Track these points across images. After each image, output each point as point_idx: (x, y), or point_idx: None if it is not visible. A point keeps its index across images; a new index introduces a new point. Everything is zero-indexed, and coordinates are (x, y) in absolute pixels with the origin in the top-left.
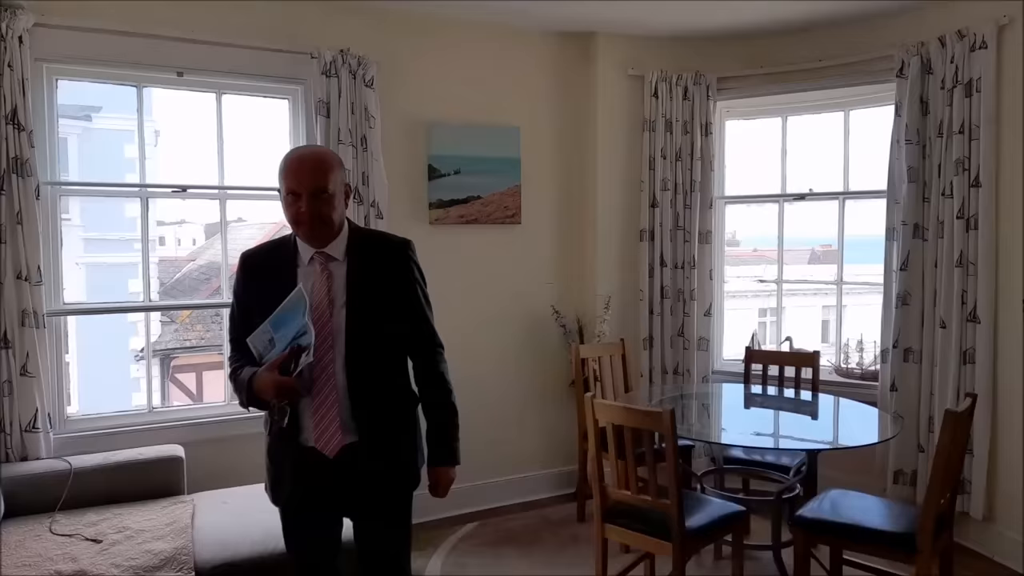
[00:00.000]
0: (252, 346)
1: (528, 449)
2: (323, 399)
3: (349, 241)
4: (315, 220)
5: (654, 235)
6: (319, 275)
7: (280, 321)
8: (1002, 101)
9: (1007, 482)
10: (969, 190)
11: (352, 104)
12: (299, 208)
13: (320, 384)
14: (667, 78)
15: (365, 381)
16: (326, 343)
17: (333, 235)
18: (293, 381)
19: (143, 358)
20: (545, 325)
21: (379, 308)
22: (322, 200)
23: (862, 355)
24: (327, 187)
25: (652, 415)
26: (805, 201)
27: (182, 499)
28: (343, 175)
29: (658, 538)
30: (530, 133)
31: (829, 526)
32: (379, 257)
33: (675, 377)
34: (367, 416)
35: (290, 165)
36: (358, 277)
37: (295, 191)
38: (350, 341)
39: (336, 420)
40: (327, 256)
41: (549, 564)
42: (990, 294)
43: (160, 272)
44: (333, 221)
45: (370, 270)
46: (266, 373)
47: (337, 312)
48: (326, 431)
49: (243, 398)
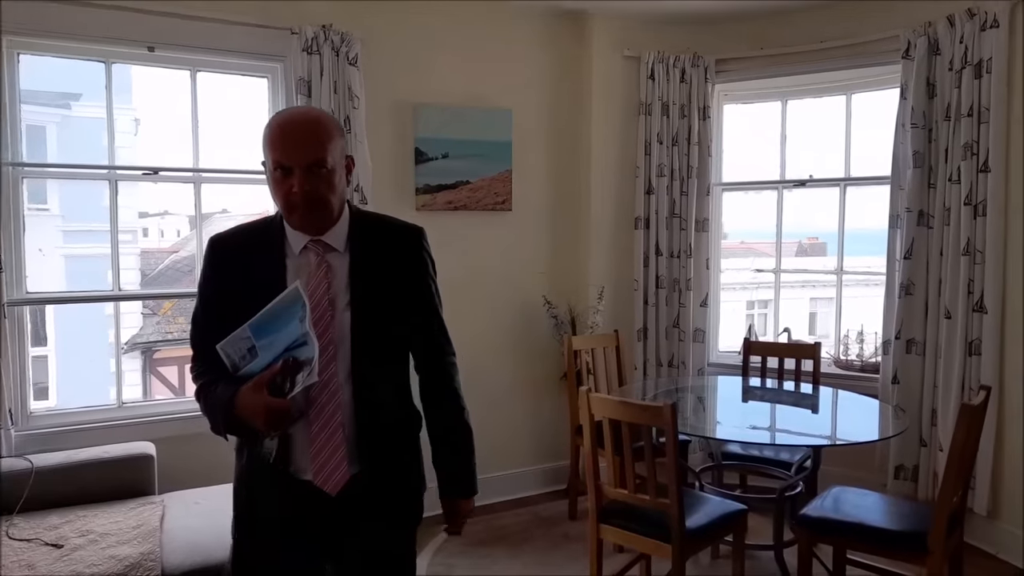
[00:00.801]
0: (224, 354)
1: (518, 444)
2: (324, 423)
3: (351, 228)
4: (311, 202)
5: (649, 223)
6: (315, 269)
7: (266, 326)
8: (1013, 82)
9: (1012, 478)
10: (977, 175)
11: (335, 83)
12: (290, 187)
13: (321, 405)
14: (664, 60)
15: (373, 399)
16: (327, 354)
17: (332, 220)
18: (288, 404)
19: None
20: (536, 316)
21: (389, 310)
22: (319, 176)
23: (862, 347)
24: (325, 160)
25: (651, 409)
26: (805, 188)
27: (152, 500)
28: (344, 144)
29: (657, 539)
30: (522, 116)
31: (834, 525)
32: (388, 248)
33: (670, 369)
34: (374, 442)
35: (278, 132)
36: (363, 272)
37: (285, 165)
38: (357, 352)
39: (341, 449)
40: (325, 246)
41: (540, 564)
42: (998, 283)
43: (143, 264)
44: (332, 203)
45: (378, 264)
46: (252, 393)
47: (340, 316)
48: (328, 462)
49: (218, 422)
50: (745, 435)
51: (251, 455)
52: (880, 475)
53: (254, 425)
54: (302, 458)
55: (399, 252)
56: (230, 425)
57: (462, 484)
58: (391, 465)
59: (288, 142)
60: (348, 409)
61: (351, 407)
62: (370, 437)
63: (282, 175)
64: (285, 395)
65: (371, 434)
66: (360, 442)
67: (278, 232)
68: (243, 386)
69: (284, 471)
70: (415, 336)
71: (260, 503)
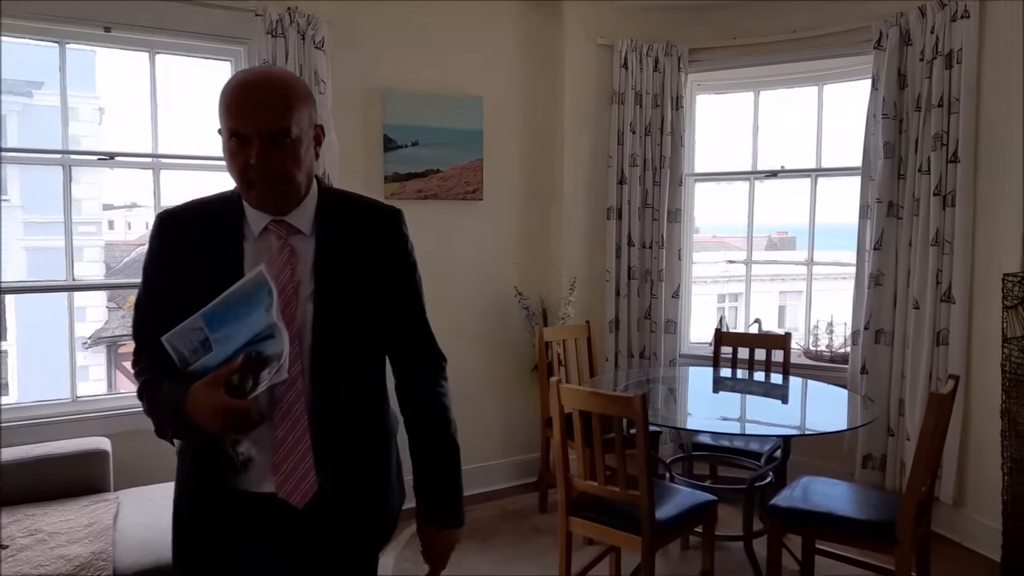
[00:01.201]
0: (171, 347)
1: (488, 437)
2: (292, 427)
3: (320, 207)
4: (271, 177)
5: (622, 213)
6: (277, 254)
7: (223, 316)
8: (983, 73)
9: (977, 466)
10: (947, 166)
11: (300, 67)
12: (247, 159)
13: (288, 405)
14: (637, 48)
15: (339, 402)
16: (292, 349)
17: (297, 198)
18: (249, 406)
19: (90, 345)
20: (508, 307)
21: (359, 302)
22: (282, 148)
23: (832, 337)
24: (289, 128)
25: (622, 400)
26: (777, 179)
27: (106, 497)
28: (313, 112)
29: (626, 531)
30: (493, 104)
31: (804, 516)
32: (361, 231)
33: (641, 361)
34: (341, 451)
35: (234, 94)
36: (331, 258)
37: (241, 133)
38: (319, 347)
39: (308, 457)
40: (288, 227)
41: (509, 558)
42: (965, 274)
43: (107, 256)
44: (297, 179)
45: (349, 249)
46: (208, 391)
47: (302, 306)
48: (295, 472)
49: (165, 424)
50: (715, 426)
51: (199, 465)
52: (848, 464)
53: (208, 428)
54: (259, 467)
55: (374, 237)
56: (178, 427)
57: (447, 513)
58: (363, 480)
59: (245, 106)
60: (312, 413)
61: (314, 410)
62: (335, 445)
63: (238, 145)
64: (245, 395)
65: (336, 442)
66: (325, 448)
67: (236, 210)
68: (196, 383)
69: (234, 483)
70: (394, 334)
71: (209, 521)
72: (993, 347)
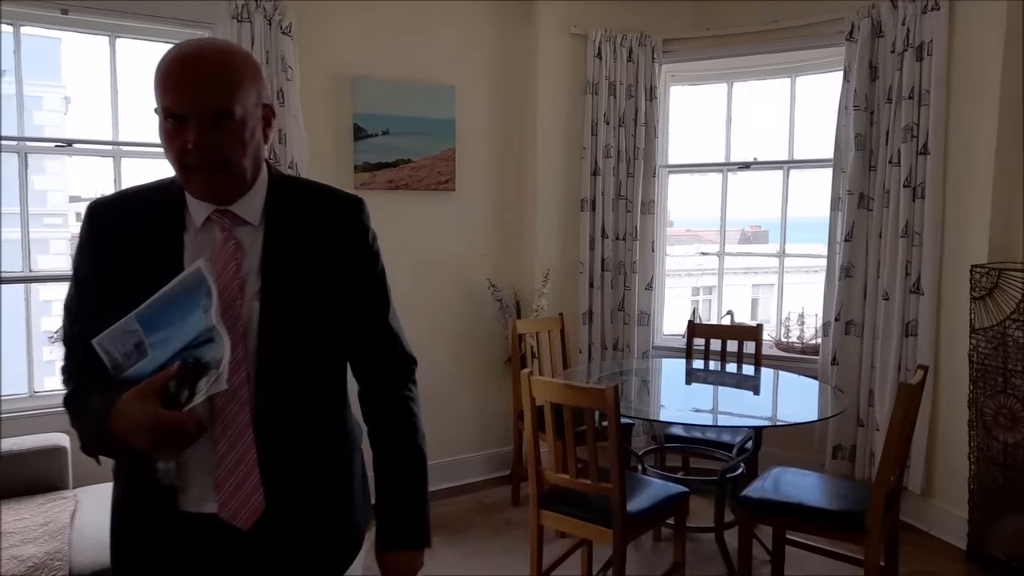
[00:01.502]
0: (103, 351)
1: (461, 430)
2: (234, 441)
3: (270, 196)
4: (212, 163)
5: (596, 205)
6: (222, 248)
7: (159, 317)
8: (953, 65)
9: (945, 456)
10: (917, 158)
11: (267, 53)
12: (184, 142)
13: (230, 417)
14: (611, 38)
15: (290, 412)
16: (237, 354)
17: (243, 186)
18: (185, 418)
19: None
20: (481, 299)
21: (314, 300)
22: (224, 130)
23: (803, 329)
24: (231, 108)
25: (594, 392)
26: (750, 170)
27: (64, 495)
28: (262, 91)
29: (598, 524)
30: (466, 93)
31: (774, 506)
32: (316, 222)
33: (615, 353)
34: (293, 465)
35: (171, 69)
36: (282, 251)
37: (178, 112)
38: (266, 351)
39: (254, 474)
40: (234, 218)
41: (481, 552)
42: (934, 265)
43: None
44: (242, 165)
45: (302, 241)
46: (137, 402)
47: (247, 305)
48: (240, 490)
49: (90, 438)
50: (687, 417)
51: (132, 483)
52: (819, 455)
53: (136, 444)
54: (200, 484)
55: (331, 228)
56: (105, 443)
57: (410, 532)
58: (316, 494)
59: (182, 83)
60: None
61: (258, 422)
62: (286, 462)
63: (175, 126)
64: (181, 406)
65: (287, 455)
66: (275, 465)
67: (176, 199)
68: (125, 393)
69: (172, 502)
70: (355, 335)
71: (146, 546)
72: (961, 338)
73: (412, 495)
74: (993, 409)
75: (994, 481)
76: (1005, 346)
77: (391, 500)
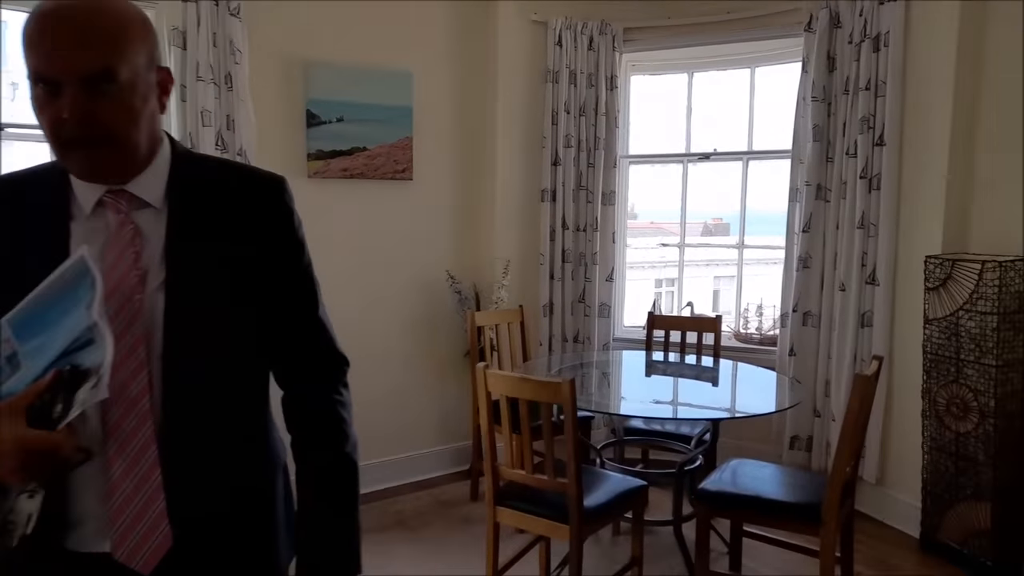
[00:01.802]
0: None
1: (421, 425)
2: (132, 463)
3: (174, 175)
4: (94, 136)
5: (556, 195)
6: (117, 234)
7: (34, 320)
8: (909, 56)
9: (899, 446)
10: (873, 149)
11: (214, 35)
12: (58, 112)
13: (126, 434)
14: (572, 26)
15: (202, 426)
16: (133, 359)
17: (136, 163)
18: (58, 439)
19: None
20: (439, 291)
21: (229, 294)
22: (106, 96)
23: (761, 320)
24: (114, 68)
25: (550, 386)
26: (710, 161)
27: None
28: (153, 49)
29: (554, 520)
30: (424, 79)
31: (732, 499)
32: (230, 203)
33: (575, 345)
34: (206, 491)
35: (39, 27)
36: (190, 237)
37: (48, 77)
38: (173, 353)
39: (159, 502)
40: (131, 199)
41: (437, 550)
42: (890, 256)
43: None
44: (132, 137)
45: (213, 225)
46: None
47: (150, 300)
48: (138, 524)
49: None
50: (648, 410)
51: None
52: (777, 445)
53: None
54: (90, 520)
55: (248, 210)
56: None
57: (338, 559)
58: (233, 525)
59: (54, 40)
60: (164, 445)
61: (167, 442)
62: (197, 483)
63: (46, 93)
64: (54, 423)
65: (198, 477)
66: (181, 491)
67: (59, 183)
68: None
69: (57, 543)
70: (280, 336)
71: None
72: (915, 328)
73: (341, 516)
74: (946, 399)
75: (946, 470)
76: (958, 336)
77: (316, 522)
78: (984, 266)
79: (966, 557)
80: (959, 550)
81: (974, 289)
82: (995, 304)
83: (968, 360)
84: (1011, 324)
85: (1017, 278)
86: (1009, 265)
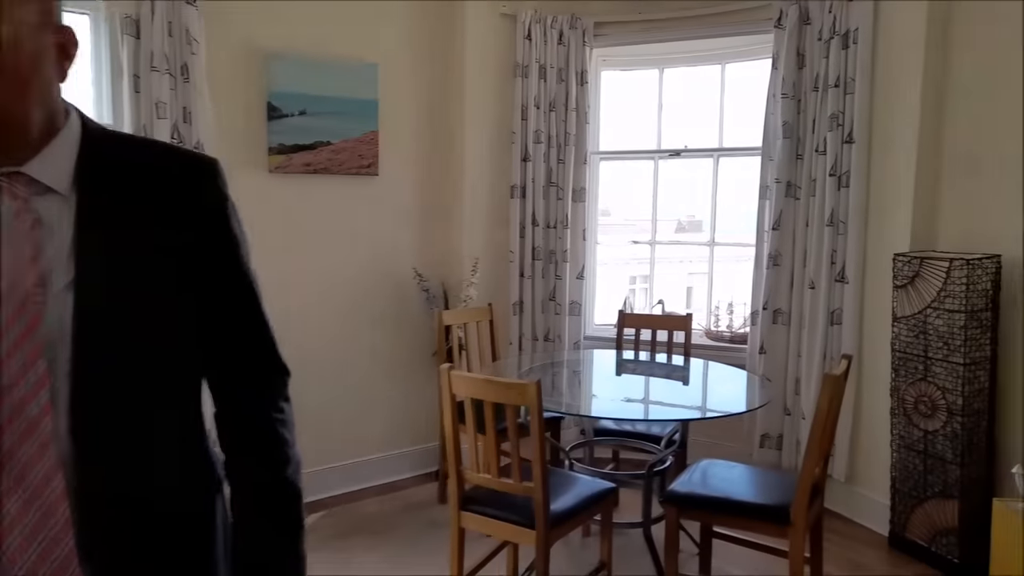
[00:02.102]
0: None
1: (388, 426)
2: (32, 497)
3: (84, 155)
4: None
5: (526, 192)
6: (11, 224)
7: None
8: (877, 54)
9: (868, 444)
10: (842, 146)
11: (169, 24)
12: None
13: (20, 466)
14: (541, 19)
15: (120, 447)
16: (31, 374)
17: (27, 141)
18: None
19: None
20: (406, 290)
21: (151, 293)
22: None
23: (732, 318)
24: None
25: (516, 387)
26: (680, 158)
27: None
28: (49, 7)
29: (521, 525)
30: (390, 72)
31: (701, 500)
32: (152, 188)
33: (546, 344)
34: (125, 524)
35: None
36: (104, 227)
37: None
38: (83, 363)
39: (67, 540)
40: (30, 183)
41: (401, 556)
42: (859, 254)
43: None
44: (21, 108)
45: (132, 214)
46: None
47: (54, 304)
48: (43, 565)
49: None
50: (618, 410)
51: None
52: (747, 444)
53: None
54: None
55: (173, 196)
56: None
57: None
58: (159, 561)
59: None
60: (70, 472)
61: (73, 468)
62: (113, 514)
63: None
64: None
65: (115, 509)
66: (95, 526)
67: None
68: None
69: None
70: (213, 342)
71: None
72: (884, 326)
73: (285, 541)
74: (914, 397)
75: (914, 468)
76: (926, 334)
77: (257, 547)
78: (952, 264)
79: (933, 555)
80: (927, 548)
81: (942, 287)
82: (963, 302)
83: (936, 358)
84: (978, 322)
85: (984, 276)
86: (976, 263)
